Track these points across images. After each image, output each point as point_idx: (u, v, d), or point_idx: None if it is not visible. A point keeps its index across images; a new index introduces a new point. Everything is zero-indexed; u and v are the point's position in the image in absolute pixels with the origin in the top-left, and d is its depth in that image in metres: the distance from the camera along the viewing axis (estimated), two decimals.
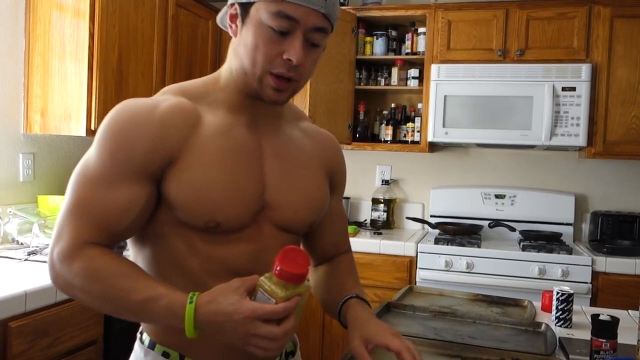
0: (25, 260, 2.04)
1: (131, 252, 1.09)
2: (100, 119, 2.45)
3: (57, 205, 2.44)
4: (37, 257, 2.08)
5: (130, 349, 1.11)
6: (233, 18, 1.02)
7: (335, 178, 1.23)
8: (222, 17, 1.08)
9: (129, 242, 1.08)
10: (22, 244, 2.27)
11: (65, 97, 2.43)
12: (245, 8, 0.98)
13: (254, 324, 0.87)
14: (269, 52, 0.97)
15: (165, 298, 0.91)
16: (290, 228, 1.09)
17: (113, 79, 2.52)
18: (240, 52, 1.00)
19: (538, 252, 2.80)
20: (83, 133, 2.42)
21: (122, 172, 0.95)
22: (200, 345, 1.01)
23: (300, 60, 0.96)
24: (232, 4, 1.01)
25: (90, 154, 0.98)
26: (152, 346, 1.05)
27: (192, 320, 0.88)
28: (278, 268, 0.88)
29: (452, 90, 3.05)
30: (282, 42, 0.96)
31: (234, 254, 1.02)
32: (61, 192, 2.73)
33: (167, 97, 1.02)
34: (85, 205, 0.95)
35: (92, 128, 2.43)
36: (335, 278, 1.23)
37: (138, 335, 1.11)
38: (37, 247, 2.16)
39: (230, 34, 1.03)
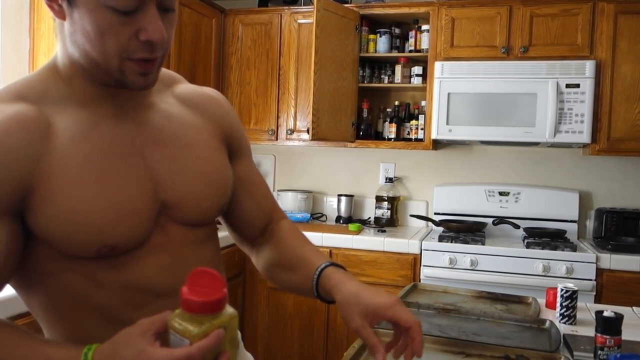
0: None
1: (23, 300, 0.91)
2: None
3: None
4: None
5: None
6: None
7: (234, 139, 1.04)
8: None
9: (15, 290, 0.90)
10: None
11: None
12: None
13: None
14: (120, 37, 0.78)
15: None
16: (199, 222, 0.94)
17: None
18: (79, 41, 0.80)
19: (542, 249, 2.79)
20: None
21: None
22: None
23: (162, 38, 0.79)
24: None
25: None
26: None
27: None
28: (184, 299, 0.72)
29: (455, 88, 3.05)
30: (132, 21, 0.78)
31: (148, 273, 0.87)
32: None
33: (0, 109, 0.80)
34: None
35: None
36: (289, 252, 1.06)
37: None
38: None
39: (53, 16, 0.83)
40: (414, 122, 3.34)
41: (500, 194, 3.33)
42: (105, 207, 0.82)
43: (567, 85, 2.91)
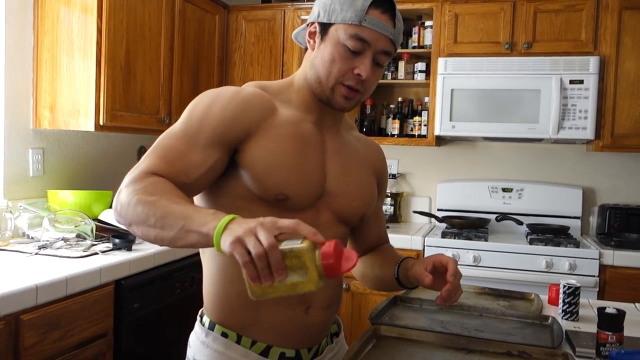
0: (36, 254, 2.06)
1: None
2: (108, 114, 2.47)
3: (67, 200, 2.46)
4: (48, 251, 2.10)
5: (140, 341, 1.13)
6: (312, 35, 1.19)
7: (380, 181, 1.39)
8: (299, 33, 1.29)
9: None
10: (32, 238, 2.29)
11: (74, 92, 2.45)
12: (325, 27, 1.15)
13: (266, 222, 0.86)
14: (343, 66, 1.13)
15: (216, 211, 0.94)
16: (345, 217, 1.22)
17: (121, 74, 2.53)
18: (317, 64, 1.16)
19: (545, 245, 2.79)
20: (92, 128, 2.44)
21: (204, 135, 1.09)
22: (257, 325, 1.13)
23: (368, 76, 1.14)
24: (312, 23, 1.18)
25: (176, 123, 1.13)
26: (212, 327, 1.16)
27: (226, 221, 0.89)
28: (328, 251, 0.87)
29: (459, 84, 3.04)
30: (354, 60, 1.13)
31: None
32: (71, 186, 2.75)
33: (249, 87, 1.19)
34: (165, 148, 1.08)
35: (101, 123, 2.45)
36: (387, 257, 1.38)
37: (198, 317, 1.21)
38: (47, 241, 2.18)
39: (308, 48, 1.21)
40: (417, 118, 3.34)
41: (504, 190, 3.33)
42: (290, 168, 1.13)
43: (571, 81, 2.90)
